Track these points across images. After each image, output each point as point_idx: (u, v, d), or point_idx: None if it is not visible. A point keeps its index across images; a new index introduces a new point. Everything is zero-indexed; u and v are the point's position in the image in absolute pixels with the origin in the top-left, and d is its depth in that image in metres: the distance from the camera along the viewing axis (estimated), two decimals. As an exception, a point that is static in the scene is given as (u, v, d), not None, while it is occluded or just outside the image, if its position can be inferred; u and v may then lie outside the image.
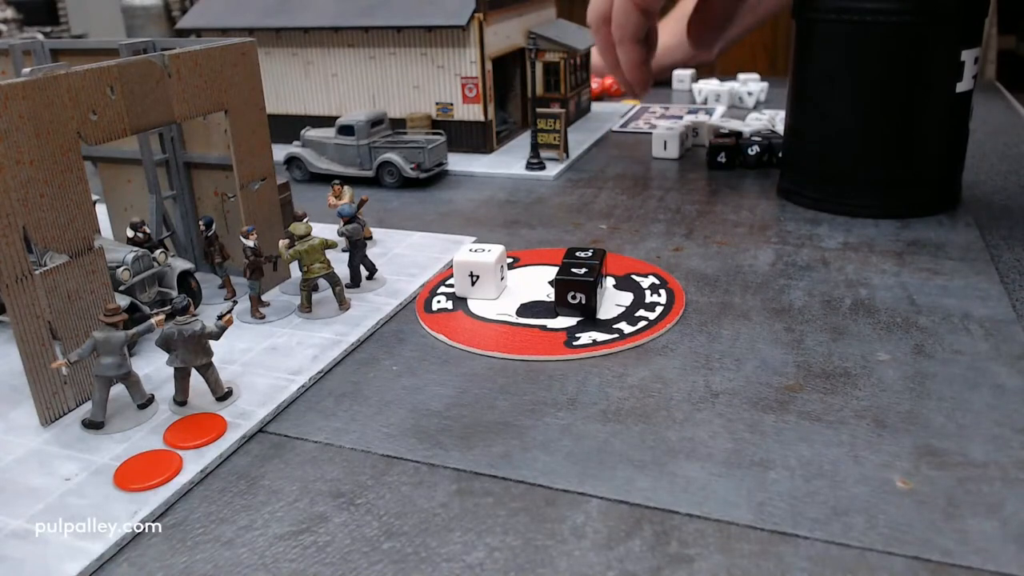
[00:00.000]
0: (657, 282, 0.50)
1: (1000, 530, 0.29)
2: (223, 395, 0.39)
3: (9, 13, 1.94)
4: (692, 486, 0.32)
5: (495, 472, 0.33)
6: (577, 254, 0.47)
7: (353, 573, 0.29)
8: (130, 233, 0.48)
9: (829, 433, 0.34)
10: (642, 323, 0.44)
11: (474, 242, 0.59)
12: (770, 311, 0.46)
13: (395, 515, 0.31)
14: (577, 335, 0.43)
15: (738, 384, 0.39)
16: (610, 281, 0.50)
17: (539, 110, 0.76)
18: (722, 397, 0.38)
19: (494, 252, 0.49)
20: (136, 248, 0.46)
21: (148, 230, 0.49)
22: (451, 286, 0.50)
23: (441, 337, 0.45)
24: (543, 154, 0.77)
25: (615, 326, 0.44)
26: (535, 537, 0.30)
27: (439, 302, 0.49)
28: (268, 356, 0.43)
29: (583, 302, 0.45)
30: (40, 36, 1.61)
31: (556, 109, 0.79)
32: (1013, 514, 0.29)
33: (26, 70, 0.41)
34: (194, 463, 0.34)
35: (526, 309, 0.47)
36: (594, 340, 0.43)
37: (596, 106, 1.02)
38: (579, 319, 0.45)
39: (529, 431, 0.36)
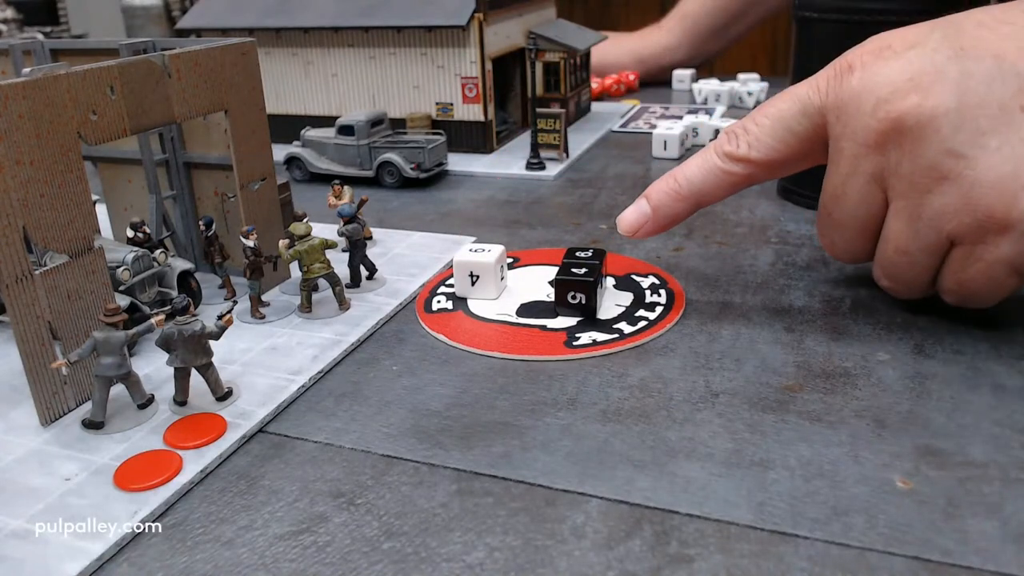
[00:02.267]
0: (657, 282, 0.50)
1: (1000, 530, 0.29)
2: (223, 395, 0.39)
3: (9, 13, 1.94)
4: (692, 486, 0.32)
5: (495, 472, 0.33)
6: (577, 254, 0.47)
7: (353, 573, 0.29)
8: (130, 233, 0.48)
9: (829, 433, 0.34)
10: (642, 323, 0.44)
11: (474, 242, 0.59)
12: (770, 311, 0.46)
13: (395, 515, 0.31)
14: (577, 335, 0.43)
15: (738, 384, 0.39)
16: (610, 281, 0.50)
17: (539, 110, 0.76)
18: (722, 397, 0.38)
19: (494, 252, 0.49)
20: (136, 248, 0.46)
21: (148, 230, 0.49)
22: (451, 286, 0.50)
23: (441, 337, 0.45)
24: (543, 154, 0.77)
25: (615, 326, 0.44)
26: (535, 537, 0.30)
27: (439, 302, 0.49)
28: (268, 356, 0.43)
29: (583, 302, 0.45)
30: (40, 36, 1.61)
31: (556, 109, 0.79)
32: (1013, 514, 0.29)
33: (26, 70, 0.41)
34: (194, 463, 0.34)
35: (526, 309, 0.47)
36: (594, 340, 0.43)
37: (596, 106, 1.02)
38: (579, 319, 0.45)
39: (529, 431, 0.36)
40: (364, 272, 0.52)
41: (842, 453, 0.33)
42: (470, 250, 0.49)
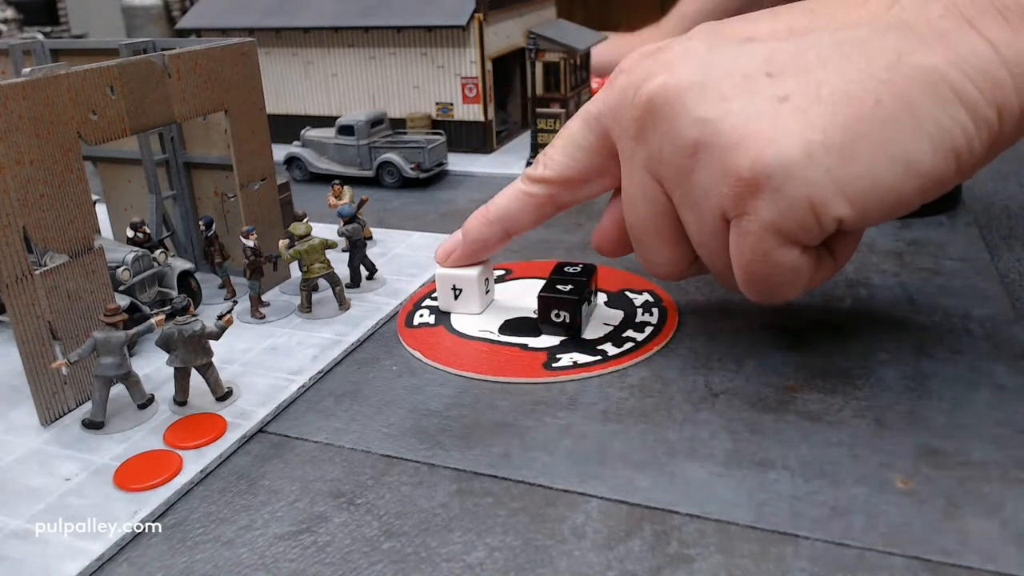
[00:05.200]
0: (651, 300, 0.47)
1: (1000, 530, 0.29)
2: (223, 395, 0.39)
3: (9, 13, 1.93)
4: (692, 486, 0.32)
5: (495, 472, 0.33)
6: (565, 269, 0.45)
7: (353, 573, 0.29)
8: (130, 233, 0.48)
9: (829, 433, 0.34)
10: (628, 344, 0.42)
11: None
12: (770, 311, 0.46)
13: (395, 515, 0.31)
14: (558, 356, 0.41)
15: (738, 384, 0.39)
16: (602, 297, 0.48)
17: (539, 110, 0.76)
18: (722, 397, 0.38)
19: (477, 265, 0.47)
20: (136, 248, 0.46)
21: (148, 230, 0.49)
22: (437, 299, 0.48)
23: (417, 355, 0.43)
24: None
25: (599, 347, 0.42)
26: (535, 537, 0.30)
27: (421, 316, 0.47)
28: (268, 356, 0.43)
29: (567, 320, 0.43)
30: (40, 36, 1.61)
31: (556, 109, 0.79)
32: (1013, 514, 0.29)
33: (26, 70, 0.41)
34: (194, 463, 0.34)
35: (509, 326, 0.45)
36: (574, 362, 0.41)
37: (596, 106, 1.02)
38: (563, 338, 0.43)
39: (529, 431, 0.36)
40: (364, 272, 0.52)
41: (842, 453, 0.33)
42: None
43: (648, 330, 0.44)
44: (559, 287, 0.43)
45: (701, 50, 0.36)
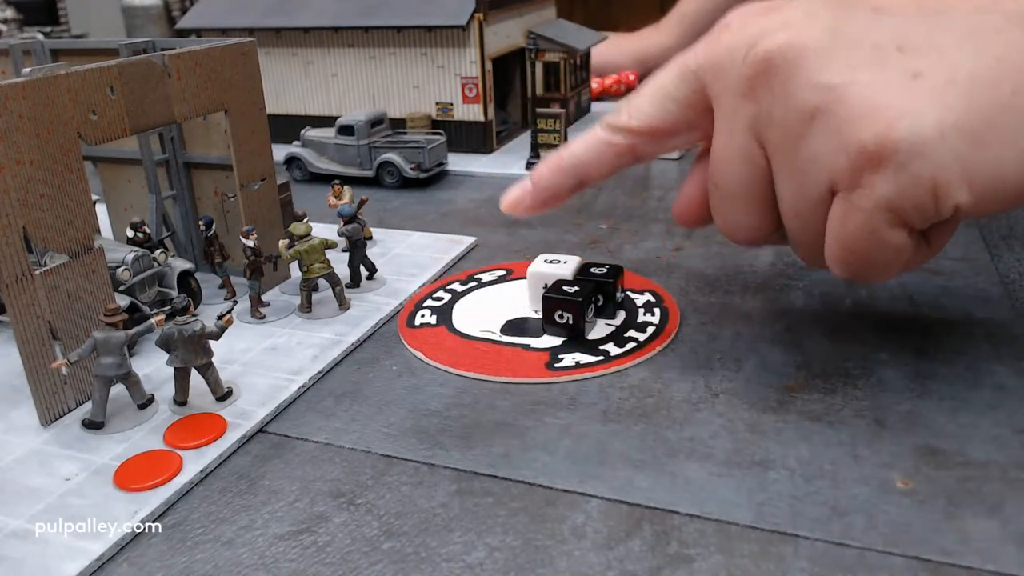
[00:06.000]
0: (653, 300, 0.47)
1: (1000, 530, 0.29)
2: (223, 395, 0.39)
3: (9, 13, 1.94)
4: (692, 486, 0.32)
5: (495, 472, 0.33)
6: (591, 270, 0.45)
7: (353, 573, 0.29)
8: (130, 233, 0.48)
9: (829, 433, 0.34)
10: (630, 344, 0.42)
11: (480, 244, 0.59)
12: (770, 311, 0.46)
13: (395, 515, 0.31)
14: (560, 356, 0.41)
15: (738, 384, 0.39)
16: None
17: (539, 110, 0.76)
18: (722, 397, 0.38)
19: (571, 264, 0.46)
20: (136, 248, 0.46)
21: (148, 230, 0.49)
22: (438, 299, 0.49)
23: (419, 355, 0.43)
24: (543, 154, 0.77)
25: (601, 347, 0.42)
26: (535, 537, 0.30)
27: (423, 316, 0.47)
28: (268, 356, 0.43)
29: (570, 322, 0.43)
30: (40, 36, 1.61)
31: (556, 109, 0.79)
32: (1013, 514, 0.29)
33: (26, 70, 0.41)
34: (194, 463, 0.34)
35: (512, 326, 0.45)
36: (577, 362, 0.41)
37: (596, 106, 1.02)
38: (565, 339, 0.43)
39: (529, 431, 0.36)
40: (364, 272, 0.52)
41: (842, 453, 0.33)
42: (545, 261, 0.46)
43: (650, 330, 0.44)
44: (564, 288, 0.43)
45: (825, 14, 0.35)
